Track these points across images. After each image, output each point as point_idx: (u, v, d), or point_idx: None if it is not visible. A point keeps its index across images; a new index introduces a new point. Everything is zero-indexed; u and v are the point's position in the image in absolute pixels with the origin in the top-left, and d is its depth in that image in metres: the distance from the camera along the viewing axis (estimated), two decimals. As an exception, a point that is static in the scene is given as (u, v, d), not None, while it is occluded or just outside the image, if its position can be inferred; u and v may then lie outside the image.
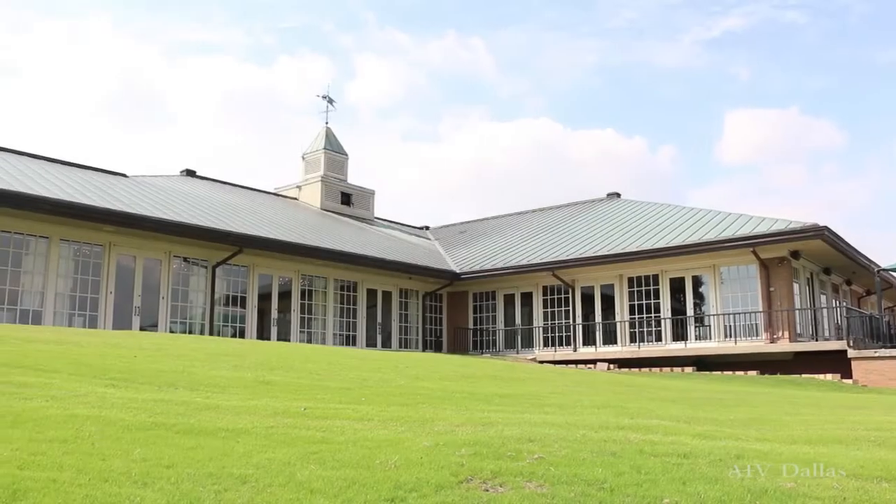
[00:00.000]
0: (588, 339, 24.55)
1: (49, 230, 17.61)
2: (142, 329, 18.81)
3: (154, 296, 19.56)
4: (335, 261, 23.30)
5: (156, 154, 71.47)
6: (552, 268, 24.59)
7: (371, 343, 25.06)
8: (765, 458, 4.77)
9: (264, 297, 22.33)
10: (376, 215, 35.21)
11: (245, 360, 10.52)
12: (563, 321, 25.18)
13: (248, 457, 4.37)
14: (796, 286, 22.00)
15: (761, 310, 21.41)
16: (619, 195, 32.23)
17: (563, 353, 24.31)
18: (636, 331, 23.59)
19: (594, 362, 22.38)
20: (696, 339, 22.55)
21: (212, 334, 20.03)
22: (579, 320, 24.79)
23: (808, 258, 22.77)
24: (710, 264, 22.51)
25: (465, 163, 76.92)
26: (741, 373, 19.25)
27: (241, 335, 21.15)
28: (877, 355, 18.65)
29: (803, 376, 18.45)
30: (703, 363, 21.38)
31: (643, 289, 23.69)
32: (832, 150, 73.07)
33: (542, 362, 22.96)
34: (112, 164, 56.11)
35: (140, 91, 74.47)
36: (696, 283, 23.11)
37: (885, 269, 24.02)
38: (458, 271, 26.83)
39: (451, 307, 28.18)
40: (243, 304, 21.59)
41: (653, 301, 23.44)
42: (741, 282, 22.15)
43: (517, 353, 25.51)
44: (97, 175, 22.53)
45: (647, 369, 21.01)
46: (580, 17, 73.24)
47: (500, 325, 26.79)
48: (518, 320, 26.45)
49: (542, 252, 25.97)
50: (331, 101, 35.48)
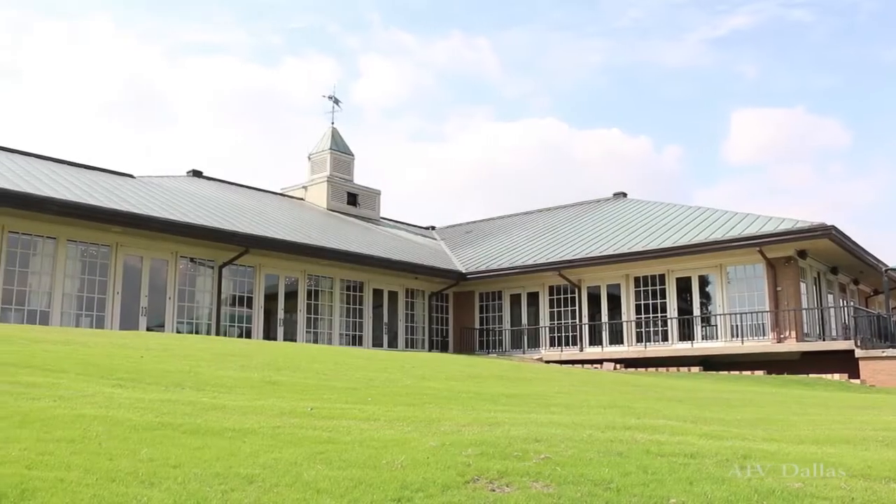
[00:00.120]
0: (594, 339, 24.52)
1: (56, 231, 17.68)
2: (149, 329, 18.86)
3: (161, 296, 19.63)
4: (341, 261, 23.33)
5: (162, 155, 71.73)
6: (558, 268, 24.57)
7: (377, 343, 25.09)
8: (772, 459, 4.76)
9: (270, 298, 22.37)
10: (382, 215, 35.23)
11: (251, 361, 10.54)
12: (570, 321, 25.16)
13: (255, 457, 4.38)
14: (803, 286, 21.93)
15: (768, 309, 21.35)
16: (625, 195, 32.17)
17: (570, 353, 24.29)
18: (642, 331, 23.54)
19: (600, 362, 22.36)
20: (702, 338, 22.51)
21: (218, 334, 20.08)
22: (585, 320, 24.77)
23: (816, 257, 22.69)
24: (716, 264, 22.46)
25: (470, 163, 77.01)
26: (748, 373, 19.20)
27: (248, 335, 21.20)
28: (885, 355, 18.56)
29: (810, 376, 18.40)
30: (710, 363, 21.34)
31: (649, 288, 23.65)
32: (838, 149, 72.86)
33: (548, 362, 22.95)
34: (118, 164, 56.30)
35: (146, 92, 74.77)
36: (703, 282, 23.06)
37: (892, 269, 23.92)
38: (464, 271, 26.83)
39: (457, 307, 28.18)
40: (250, 305, 21.64)
41: (659, 301, 23.40)
42: (748, 281, 22.09)
43: (523, 353, 25.50)
44: (104, 176, 22.61)
45: (653, 369, 20.98)
46: (586, 17, 73.21)
47: (507, 325, 26.77)
48: (524, 320, 26.43)
49: (549, 252, 25.95)
50: (337, 102, 35.55)
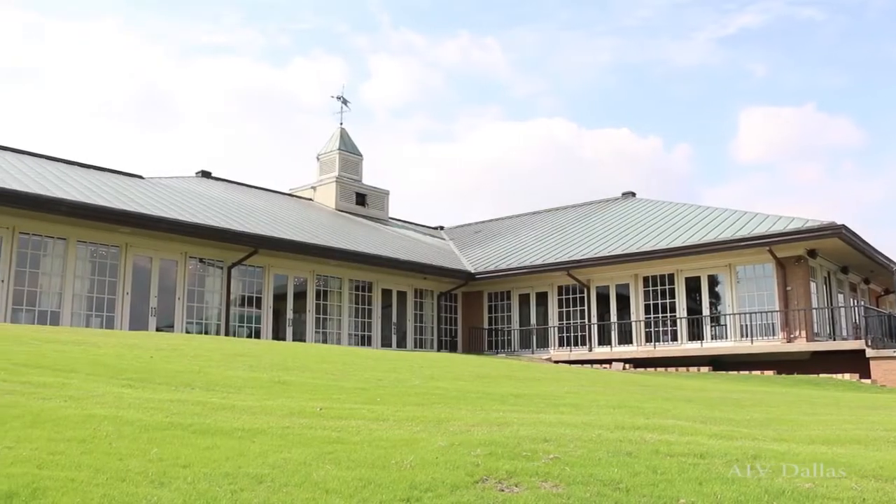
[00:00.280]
0: (603, 339, 24.47)
1: (66, 232, 17.76)
2: (158, 330, 18.94)
3: (170, 296, 19.70)
4: (350, 261, 23.36)
5: (171, 155, 72.01)
6: (567, 267, 24.53)
7: (386, 343, 25.11)
8: (782, 459, 4.74)
9: (279, 298, 22.42)
10: (391, 215, 35.26)
11: (261, 361, 10.56)
12: (579, 321, 25.11)
13: (264, 457, 4.39)
14: (813, 285, 21.81)
15: (778, 309, 21.25)
16: (634, 194, 32.07)
17: (579, 352, 24.24)
18: (652, 330, 23.47)
19: (609, 362, 22.31)
20: (712, 338, 22.42)
21: (227, 335, 20.14)
22: (594, 320, 24.72)
23: (826, 257, 22.57)
24: (725, 263, 22.37)
25: (479, 163, 76.94)
26: (758, 372, 19.12)
27: (257, 336, 21.25)
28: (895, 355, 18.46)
29: (821, 376, 18.31)
30: (719, 363, 21.26)
31: (659, 288, 23.59)
32: (849, 147, 72.45)
33: (557, 362, 22.91)
34: (128, 165, 56.52)
35: (154, 92, 75.06)
36: (712, 282, 22.97)
37: (903, 268, 23.77)
38: (472, 271, 26.82)
39: (466, 307, 28.18)
40: (259, 305, 21.69)
41: (668, 301, 23.33)
42: (757, 281, 22.00)
43: (532, 352, 25.46)
44: (113, 177, 22.71)
45: (662, 369, 20.91)
46: (594, 16, 73.07)
47: (515, 324, 26.74)
48: (533, 320, 26.40)
49: (557, 252, 25.91)
50: (345, 102, 35.61)
